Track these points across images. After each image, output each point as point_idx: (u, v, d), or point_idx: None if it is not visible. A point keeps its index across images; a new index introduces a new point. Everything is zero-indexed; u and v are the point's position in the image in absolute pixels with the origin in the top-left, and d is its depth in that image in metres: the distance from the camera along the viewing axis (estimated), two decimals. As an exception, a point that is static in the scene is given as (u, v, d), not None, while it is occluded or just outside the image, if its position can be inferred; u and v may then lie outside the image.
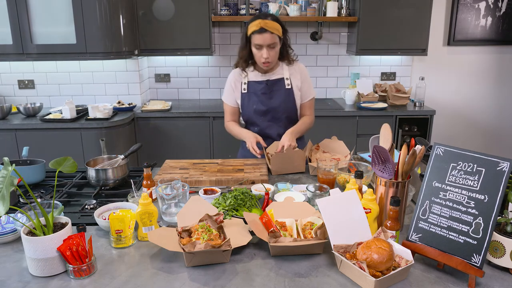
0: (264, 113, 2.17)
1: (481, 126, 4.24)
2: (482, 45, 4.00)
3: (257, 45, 2.03)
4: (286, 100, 2.16)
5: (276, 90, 2.16)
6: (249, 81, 2.17)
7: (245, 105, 2.20)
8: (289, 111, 2.18)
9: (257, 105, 2.16)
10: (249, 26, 2.04)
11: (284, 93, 2.16)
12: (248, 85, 2.17)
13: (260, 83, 2.16)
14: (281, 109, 2.16)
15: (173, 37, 3.46)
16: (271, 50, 2.03)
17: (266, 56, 2.03)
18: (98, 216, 1.43)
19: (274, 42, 2.02)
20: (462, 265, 1.11)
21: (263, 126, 2.20)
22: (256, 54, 2.07)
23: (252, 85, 2.17)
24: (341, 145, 2.09)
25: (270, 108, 2.16)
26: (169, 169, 1.91)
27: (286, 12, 3.65)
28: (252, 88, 2.16)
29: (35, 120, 3.16)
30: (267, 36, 1.99)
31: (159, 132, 3.43)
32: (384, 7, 3.49)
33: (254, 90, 2.16)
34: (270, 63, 2.06)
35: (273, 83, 2.16)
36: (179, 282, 1.13)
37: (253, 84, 2.16)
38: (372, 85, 3.88)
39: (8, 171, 1.12)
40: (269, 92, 2.15)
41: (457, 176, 1.17)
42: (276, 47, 2.05)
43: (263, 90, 2.15)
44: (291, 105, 2.17)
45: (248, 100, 2.18)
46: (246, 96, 2.18)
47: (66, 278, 1.16)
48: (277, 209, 1.40)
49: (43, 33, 3.12)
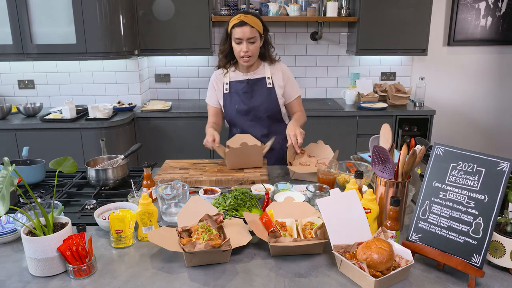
0: (246, 113, 2.17)
1: (481, 126, 4.23)
2: (482, 45, 4.00)
3: (237, 39, 2.03)
4: (267, 99, 2.15)
5: (257, 89, 2.15)
6: (230, 81, 2.17)
7: (227, 106, 2.19)
8: (271, 110, 2.17)
9: (239, 105, 2.15)
10: (230, 21, 2.05)
11: (266, 92, 2.15)
12: (230, 85, 2.17)
13: (242, 82, 2.15)
14: (263, 108, 2.16)
15: (173, 37, 3.46)
16: (251, 45, 2.03)
17: (246, 50, 2.02)
18: (98, 216, 1.43)
19: (254, 37, 2.02)
20: (462, 265, 1.11)
21: (245, 126, 2.19)
22: (236, 49, 2.06)
23: (234, 85, 2.16)
24: (327, 149, 2.06)
25: (251, 108, 2.15)
26: (169, 169, 1.91)
27: (286, 12, 3.65)
28: (234, 87, 2.16)
29: (35, 120, 3.16)
30: (246, 30, 2.00)
31: (159, 132, 3.43)
32: (384, 7, 3.48)
33: (236, 90, 2.16)
34: (250, 57, 2.06)
35: (254, 82, 2.15)
36: (179, 282, 1.13)
37: (234, 83, 2.16)
38: (372, 85, 3.88)
39: (8, 171, 1.12)
40: (250, 91, 2.15)
41: (457, 176, 1.17)
42: (256, 43, 2.05)
43: (245, 89, 2.14)
44: (273, 104, 2.17)
45: (230, 100, 2.17)
46: (228, 96, 2.17)
47: (66, 278, 1.16)
48: (277, 209, 1.40)
49: (43, 33, 3.12)
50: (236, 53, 2.07)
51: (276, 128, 2.22)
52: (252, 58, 2.07)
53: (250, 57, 2.06)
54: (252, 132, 2.17)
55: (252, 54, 2.05)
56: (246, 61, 2.07)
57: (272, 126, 2.20)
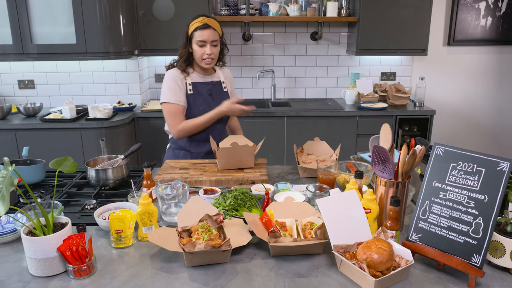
0: None
1: (481, 126, 4.24)
2: (482, 45, 4.00)
3: (200, 42, 2.04)
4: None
5: (218, 92, 2.21)
6: (193, 82, 2.15)
7: (191, 107, 2.14)
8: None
9: (204, 107, 2.14)
10: (191, 24, 2.07)
11: (224, 96, 2.21)
12: (194, 86, 2.14)
13: (207, 84, 2.17)
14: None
15: (173, 37, 3.45)
16: (214, 48, 2.06)
17: (210, 52, 2.05)
18: (98, 216, 1.43)
19: (216, 40, 2.06)
20: (462, 265, 1.11)
21: (210, 128, 2.16)
22: (197, 52, 2.06)
23: (198, 86, 2.15)
24: (324, 146, 2.08)
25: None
26: (169, 169, 1.91)
27: (286, 12, 3.65)
28: (198, 89, 2.15)
29: (35, 120, 3.16)
30: (210, 33, 2.03)
31: (159, 132, 3.43)
32: (384, 7, 3.49)
33: (201, 91, 2.15)
34: (212, 60, 2.08)
35: (215, 85, 2.21)
36: (179, 282, 1.13)
37: (199, 85, 2.15)
38: (372, 85, 3.88)
39: (8, 171, 1.12)
40: (214, 93, 2.18)
41: (457, 176, 1.17)
42: (217, 46, 2.09)
43: (209, 92, 2.17)
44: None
45: (194, 102, 2.14)
46: (191, 97, 2.13)
47: (66, 278, 1.16)
48: (277, 209, 1.40)
49: (43, 33, 3.12)
50: (198, 55, 2.07)
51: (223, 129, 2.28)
52: (213, 61, 2.11)
53: (213, 60, 2.09)
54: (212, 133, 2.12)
55: (215, 57, 2.10)
56: (209, 63, 2.09)
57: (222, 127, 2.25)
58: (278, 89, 4.00)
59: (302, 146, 2.10)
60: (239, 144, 1.89)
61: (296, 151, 2.06)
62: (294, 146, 2.09)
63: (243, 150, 1.89)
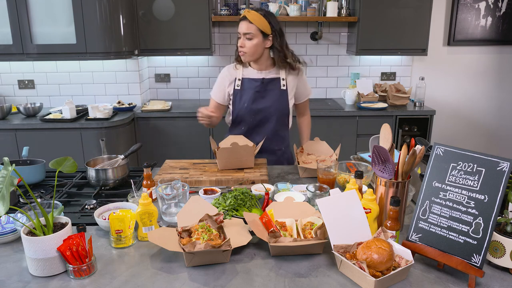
0: (256, 112, 2.12)
1: (481, 126, 4.24)
2: (482, 45, 4.00)
3: (238, 33, 2.04)
4: (279, 101, 2.12)
5: (270, 89, 2.12)
6: (243, 77, 2.13)
7: (236, 102, 2.13)
8: (280, 112, 2.14)
9: (249, 103, 2.11)
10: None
11: (278, 93, 2.12)
12: (243, 82, 2.12)
13: (256, 81, 2.11)
14: (273, 109, 2.12)
15: (173, 37, 3.46)
16: (247, 41, 2.01)
17: (241, 45, 2.01)
18: (98, 216, 1.43)
19: (250, 33, 1.99)
20: (462, 265, 1.11)
21: (252, 125, 2.15)
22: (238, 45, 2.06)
23: (247, 82, 2.12)
24: (324, 146, 2.08)
25: (262, 107, 2.11)
26: (169, 169, 1.91)
27: (286, 12, 3.65)
28: (247, 85, 2.12)
29: (35, 120, 3.16)
30: (244, 25, 1.99)
31: (159, 132, 3.43)
32: (384, 7, 3.49)
33: (248, 87, 2.11)
34: (245, 53, 2.03)
35: (268, 82, 2.11)
36: (179, 282, 1.13)
37: (247, 81, 2.12)
38: (372, 85, 3.88)
39: (8, 171, 1.12)
40: (263, 90, 2.11)
41: (457, 176, 1.17)
42: (253, 40, 2.00)
43: (258, 88, 2.10)
44: (283, 106, 2.13)
45: (240, 97, 2.12)
46: (238, 92, 2.12)
47: (66, 278, 1.16)
48: (277, 209, 1.40)
49: (43, 33, 3.12)
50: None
51: (282, 132, 2.20)
52: (247, 55, 2.04)
53: (246, 53, 2.03)
54: (257, 131, 2.15)
55: (248, 50, 2.02)
56: (242, 55, 2.06)
57: (277, 127, 2.16)
58: (278, 89, 4.00)
59: (302, 146, 2.10)
60: (239, 144, 1.89)
61: (296, 151, 2.06)
62: (294, 146, 2.09)
63: (243, 150, 1.89)
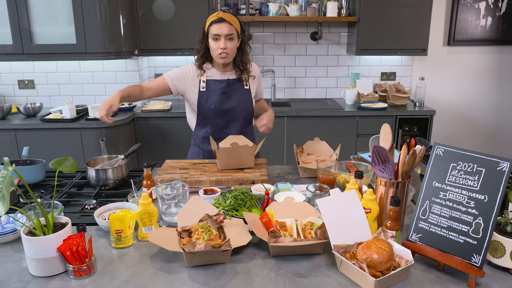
0: (222, 113, 2.12)
1: (481, 126, 4.23)
2: (482, 45, 4.00)
3: (214, 36, 2.00)
4: (244, 101, 2.14)
5: (235, 89, 2.13)
6: (208, 79, 2.12)
7: (202, 104, 2.11)
8: (246, 112, 2.16)
9: (215, 104, 2.10)
10: (208, 19, 2.04)
11: (243, 94, 2.14)
12: (207, 83, 2.11)
13: (221, 82, 2.12)
14: (239, 110, 2.13)
15: (173, 37, 3.46)
16: (229, 42, 2.00)
17: (223, 46, 1.99)
18: (98, 216, 1.43)
19: (232, 33, 2.00)
20: (462, 265, 1.11)
21: (219, 126, 2.15)
22: (213, 47, 2.02)
23: (212, 84, 2.11)
24: (324, 146, 2.08)
25: (228, 108, 2.12)
26: (169, 169, 1.91)
27: (286, 12, 3.65)
28: (212, 86, 2.11)
29: (35, 120, 3.16)
30: (225, 26, 1.98)
31: (159, 132, 3.43)
32: (384, 7, 3.49)
33: (214, 89, 2.11)
34: (227, 55, 2.02)
35: (233, 82, 2.13)
36: (179, 282, 1.13)
37: (212, 82, 2.11)
38: (372, 85, 3.88)
39: (8, 171, 1.12)
40: (229, 91, 2.12)
41: (457, 176, 1.17)
42: (233, 40, 2.02)
43: (223, 89, 2.11)
44: (248, 106, 2.16)
45: (206, 99, 2.11)
46: (204, 94, 2.10)
47: (66, 278, 1.16)
48: (277, 209, 1.40)
49: (43, 33, 3.12)
50: (213, 50, 2.03)
51: (247, 130, 2.23)
52: (229, 56, 2.04)
53: (228, 55, 2.02)
54: (225, 132, 2.14)
55: (230, 51, 2.02)
56: (224, 57, 2.02)
57: (244, 127, 2.20)
58: (278, 89, 4.00)
59: (302, 146, 2.10)
60: (239, 144, 1.89)
61: (296, 151, 2.06)
62: (294, 146, 2.09)
63: (243, 150, 1.89)
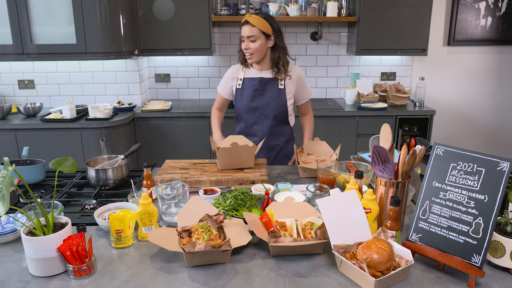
0: (253, 110, 2.23)
1: (481, 126, 4.23)
2: (482, 45, 4.00)
3: (241, 37, 2.14)
4: (276, 99, 2.21)
5: (268, 88, 2.21)
6: (244, 77, 2.25)
7: (237, 100, 2.28)
8: (278, 110, 2.22)
9: (247, 101, 2.22)
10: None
11: (276, 92, 2.21)
12: (243, 81, 2.24)
13: (254, 80, 2.22)
14: (270, 107, 2.21)
15: (173, 37, 3.46)
16: (251, 43, 2.11)
17: (245, 47, 2.12)
18: (98, 216, 1.43)
19: (253, 35, 2.09)
20: (462, 265, 1.11)
21: (250, 123, 2.26)
22: (241, 48, 2.17)
23: (247, 82, 2.24)
24: (324, 146, 2.09)
25: (259, 105, 2.22)
26: (169, 169, 1.91)
27: (286, 12, 3.65)
28: (246, 84, 2.23)
29: (35, 120, 3.16)
30: (247, 28, 2.09)
31: (159, 132, 3.43)
32: (384, 7, 3.49)
33: (248, 86, 2.23)
34: (251, 55, 2.13)
35: (266, 81, 2.21)
36: (179, 282, 1.13)
37: (248, 80, 2.24)
38: (372, 85, 3.88)
39: (8, 171, 1.12)
40: (261, 89, 2.21)
41: (457, 176, 1.17)
42: (257, 41, 2.11)
43: (256, 87, 2.21)
44: (281, 104, 2.22)
45: (240, 96, 2.25)
46: (239, 91, 2.26)
47: (66, 278, 1.16)
48: (277, 209, 1.40)
49: (43, 33, 3.12)
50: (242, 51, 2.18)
51: (280, 129, 2.27)
52: (254, 56, 2.14)
53: (252, 55, 2.13)
54: (255, 128, 2.24)
55: (253, 52, 2.12)
56: (248, 58, 2.16)
57: (275, 125, 2.25)
58: (278, 89, 4.00)
59: (302, 146, 2.11)
60: (239, 144, 1.89)
61: (296, 151, 2.06)
62: (294, 146, 2.09)
63: (243, 150, 1.89)
